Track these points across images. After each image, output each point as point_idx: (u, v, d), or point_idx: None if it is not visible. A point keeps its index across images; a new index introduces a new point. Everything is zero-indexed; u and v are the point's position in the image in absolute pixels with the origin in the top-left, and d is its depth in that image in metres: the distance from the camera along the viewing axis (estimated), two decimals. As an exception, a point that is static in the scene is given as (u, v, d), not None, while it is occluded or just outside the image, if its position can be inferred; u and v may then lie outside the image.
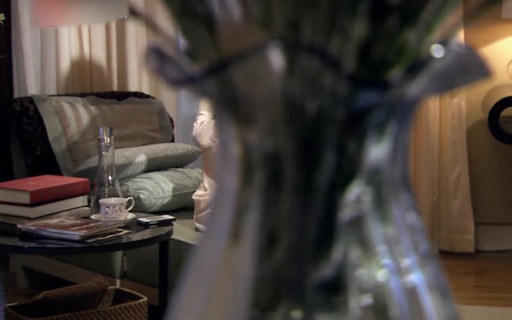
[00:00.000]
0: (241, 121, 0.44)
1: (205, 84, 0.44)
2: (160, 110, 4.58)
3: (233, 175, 0.45)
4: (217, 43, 0.43)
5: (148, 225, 3.18)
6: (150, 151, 4.06)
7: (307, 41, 0.41)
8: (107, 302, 3.44)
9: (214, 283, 0.45)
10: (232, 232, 0.45)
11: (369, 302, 0.43)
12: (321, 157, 0.43)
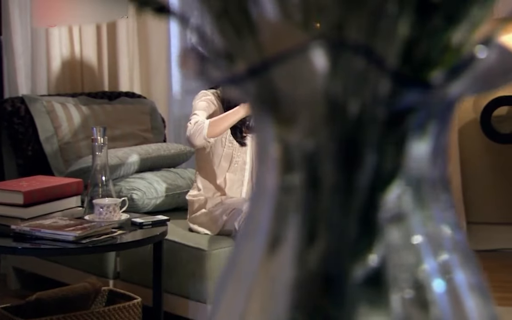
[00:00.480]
0: (281, 122, 0.44)
1: (245, 85, 0.43)
2: (152, 110, 4.57)
3: (273, 175, 0.45)
4: (257, 43, 0.43)
5: (142, 225, 3.17)
6: (142, 151, 4.05)
7: (352, 40, 0.41)
8: (100, 303, 3.43)
9: (254, 285, 0.45)
10: (271, 232, 0.44)
11: (410, 300, 0.43)
12: (362, 157, 0.43)
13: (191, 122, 3.33)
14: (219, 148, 3.47)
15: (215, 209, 3.45)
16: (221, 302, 0.46)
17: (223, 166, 3.49)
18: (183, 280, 3.36)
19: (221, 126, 3.31)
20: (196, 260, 3.31)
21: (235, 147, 3.48)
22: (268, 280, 0.44)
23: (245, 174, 3.52)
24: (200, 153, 3.57)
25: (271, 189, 0.45)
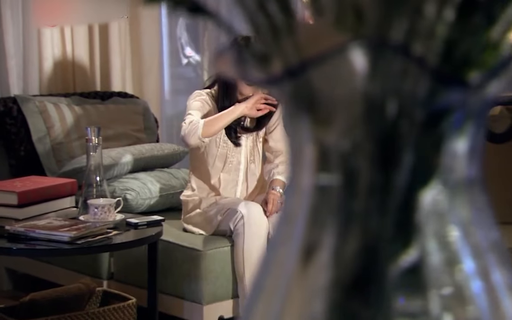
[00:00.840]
0: (318, 122, 0.44)
1: (282, 85, 0.43)
2: (145, 110, 4.56)
3: (308, 176, 0.44)
4: (295, 43, 0.43)
5: (137, 226, 3.16)
6: (136, 152, 4.04)
7: (393, 39, 0.41)
8: (94, 304, 3.42)
9: (290, 286, 0.44)
10: (307, 233, 0.44)
11: (448, 300, 0.43)
12: (399, 157, 0.43)
13: (185, 122, 3.33)
14: (213, 148, 3.47)
15: (210, 209, 3.44)
16: (257, 304, 0.46)
17: (217, 166, 3.49)
18: (178, 280, 3.35)
19: (216, 126, 3.30)
20: (191, 260, 3.30)
21: (230, 147, 3.48)
22: (304, 281, 0.44)
23: (239, 174, 3.52)
24: (194, 153, 3.56)
25: (307, 189, 0.45)
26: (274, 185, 3.44)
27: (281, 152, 3.54)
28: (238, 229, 3.27)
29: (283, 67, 0.43)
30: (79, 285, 3.37)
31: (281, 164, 3.51)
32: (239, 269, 3.25)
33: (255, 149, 3.52)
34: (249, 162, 3.51)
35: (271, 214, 3.33)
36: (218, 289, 3.29)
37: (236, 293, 3.30)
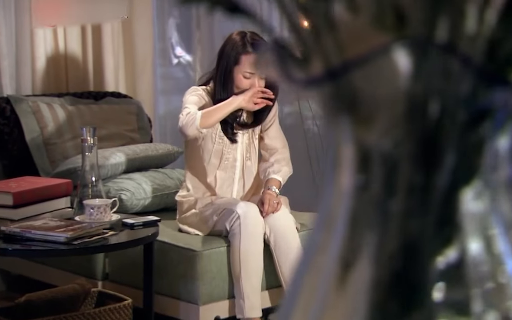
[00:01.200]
0: (359, 122, 0.43)
1: (322, 86, 0.43)
2: (138, 110, 4.55)
3: (348, 176, 0.44)
4: (337, 43, 0.42)
5: (133, 226, 3.15)
6: (130, 152, 4.03)
7: (438, 39, 0.41)
8: (89, 305, 3.41)
9: (331, 290, 0.44)
10: (348, 232, 0.44)
11: (491, 297, 0.43)
12: (441, 157, 0.43)
13: (183, 114, 3.31)
14: (209, 144, 3.46)
15: (206, 209, 3.44)
16: (297, 302, 0.45)
17: (213, 163, 3.48)
18: (174, 281, 3.35)
19: (214, 117, 3.29)
20: (187, 260, 3.29)
21: (226, 143, 3.47)
22: (345, 283, 0.44)
23: (235, 172, 3.51)
24: (189, 151, 3.55)
25: (347, 190, 0.44)
26: (270, 185, 3.44)
27: (276, 150, 3.53)
28: (234, 229, 3.26)
29: (324, 67, 0.43)
30: (74, 285, 3.36)
31: (277, 163, 3.51)
32: (235, 270, 3.25)
33: (251, 146, 3.51)
34: (245, 159, 3.50)
35: (267, 214, 3.32)
36: (214, 289, 3.28)
37: (232, 294, 3.29)
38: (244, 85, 3.34)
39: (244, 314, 3.22)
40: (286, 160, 3.54)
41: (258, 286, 3.26)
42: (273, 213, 3.33)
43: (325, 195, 0.46)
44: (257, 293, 3.25)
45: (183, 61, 5.20)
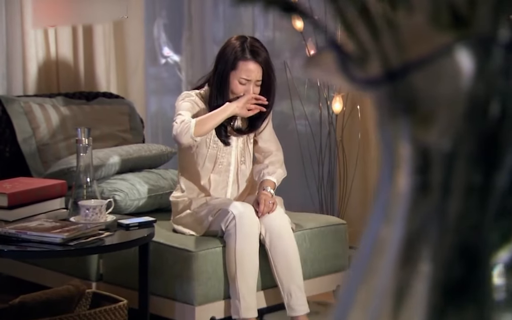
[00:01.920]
0: (418, 122, 0.43)
1: (381, 86, 0.43)
2: (131, 111, 4.53)
3: (406, 176, 0.44)
4: (398, 43, 0.42)
5: (129, 227, 3.14)
6: (123, 152, 4.01)
7: (502, 38, 0.40)
8: (84, 306, 3.40)
9: (390, 291, 0.44)
10: (407, 229, 0.44)
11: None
12: (500, 157, 0.42)
13: (176, 122, 3.30)
14: (203, 148, 3.45)
15: (201, 210, 3.43)
16: (354, 301, 0.45)
17: (207, 167, 3.47)
18: (169, 281, 3.34)
19: (207, 125, 3.29)
20: (182, 261, 3.29)
21: (220, 147, 3.47)
22: (406, 282, 0.43)
23: (229, 175, 3.50)
24: (183, 154, 3.54)
25: (405, 190, 0.44)
26: (265, 186, 3.44)
27: (270, 153, 3.53)
28: (230, 229, 3.26)
29: (383, 68, 0.42)
30: (68, 287, 3.34)
31: (271, 165, 3.51)
32: (231, 270, 3.24)
33: (246, 150, 3.51)
34: (240, 164, 3.50)
35: (263, 214, 3.32)
36: (210, 290, 3.28)
37: (228, 294, 3.29)
38: (239, 91, 3.34)
39: (240, 315, 3.22)
40: (280, 162, 3.54)
41: (253, 287, 3.26)
42: (268, 214, 3.33)
43: (382, 195, 0.45)
44: (252, 294, 3.25)
45: (170, 61, 5.20)
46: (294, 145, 4.49)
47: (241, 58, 3.33)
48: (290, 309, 3.31)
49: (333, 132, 4.49)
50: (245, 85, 3.33)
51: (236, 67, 3.33)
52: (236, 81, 3.34)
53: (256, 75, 3.34)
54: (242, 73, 3.33)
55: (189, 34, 5.20)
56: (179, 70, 5.23)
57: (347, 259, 3.72)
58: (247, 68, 3.32)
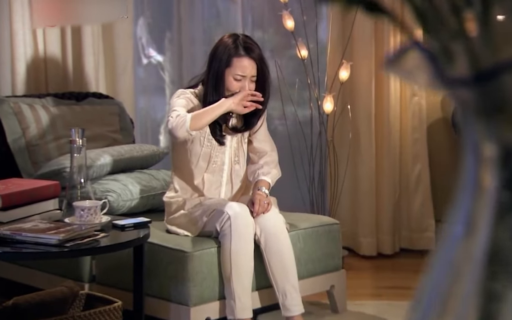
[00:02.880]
0: (506, 122, 0.43)
1: (471, 87, 0.42)
2: (121, 111, 4.51)
3: (492, 176, 0.44)
4: (490, 43, 0.42)
5: (124, 227, 3.13)
6: (115, 153, 4.00)
7: None
8: (78, 307, 3.38)
9: (476, 290, 0.43)
10: (492, 229, 0.43)
11: None
12: None
13: (172, 116, 3.29)
14: (197, 146, 3.44)
15: (195, 210, 3.42)
16: (436, 297, 0.45)
17: (201, 166, 3.46)
18: (164, 282, 3.33)
19: (203, 120, 3.28)
20: (177, 262, 3.28)
21: (214, 146, 3.46)
22: (491, 284, 0.43)
23: (223, 175, 3.50)
24: (177, 153, 3.53)
25: (489, 188, 0.44)
26: (260, 186, 3.44)
27: (265, 153, 3.53)
28: (225, 230, 3.25)
29: (473, 68, 0.42)
30: (62, 288, 3.32)
31: (266, 165, 3.50)
32: (226, 270, 3.24)
33: (240, 150, 3.51)
34: (234, 163, 3.50)
35: (257, 215, 3.32)
36: (205, 290, 3.27)
37: (223, 295, 3.28)
38: (234, 87, 3.34)
39: (235, 315, 3.21)
40: (274, 163, 3.54)
41: (249, 287, 3.25)
42: (263, 214, 3.32)
43: (465, 194, 0.45)
44: (248, 294, 3.24)
45: (153, 61, 5.19)
46: (285, 145, 4.49)
47: (235, 55, 3.33)
48: (285, 309, 3.31)
49: (324, 132, 4.50)
50: (240, 82, 3.33)
51: (231, 64, 3.33)
52: (231, 78, 3.34)
53: (251, 71, 3.34)
54: (236, 70, 3.33)
55: (172, 34, 5.19)
56: (162, 70, 5.22)
57: (340, 259, 3.72)
58: (241, 64, 3.33)
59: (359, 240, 4.65)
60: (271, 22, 5.01)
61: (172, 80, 5.21)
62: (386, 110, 4.59)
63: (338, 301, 3.67)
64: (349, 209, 4.68)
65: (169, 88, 5.22)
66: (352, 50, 4.58)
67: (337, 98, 4.47)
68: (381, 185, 4.62)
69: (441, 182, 4.76)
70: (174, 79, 5.21)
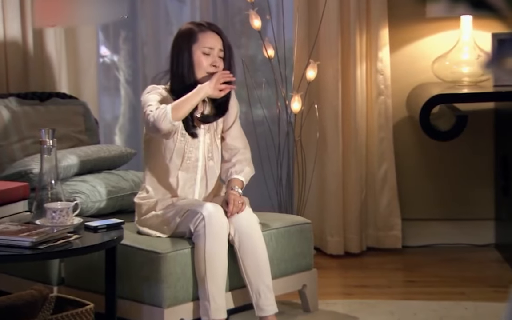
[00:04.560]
0: None
1: None
2: (85, 111, 4.45)
3: None
4: None
5: (97, 229, 3.09)
6: (82, 153, 3.94)
7: None
8: (47, 310, 3.32)
9: None
10: None
11: None
12: None
13: (151, 110, 3.25)
14: (171, 142, 3.40)
15: (168, 211, 3.38)
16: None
17: (175, 162, 3.42)
18: (137, 284, 3.28)
19: (183, 109, 3.25)
20: (150, 263, 3.24)
21: (187, 141, 3.42)
22: None
23: (197, 172, 3.46)
24: (150, 150, 3.48)
25: None
26: (233, 185, 3.42)
27: (238, 150, 3.51)
28: (199, 230, 3.22)
29: None
30: (32, 291, 3.27)
31: (239, 163, 3.49)
32: (200, 271, 3.21)
33: (213, 145, 3.47)
34: (208, 159, 3.46)
35: (232, 215, 3.30)
36: (178, 291, 3.24)
37: (197, 296, 3.25)
38: (204, 62, 3.34)
39: (209, 316, 3.19)
40: (247, 160, 3.52)
41: (223, 287, 3.23)
42: (238, 214, 3.30)
43: None
44: (222, 294, 3.22)
45: (107, 60, 5.14)
46: (252, 145, 4.46)
47: (199, 31, 3.37)
48: (258, 309, 3.29)
49: (291, 132, 4.49)
50: (209, 56, 3.34)
51: (197, 40, 3.37)
52: (199, 53, 3.35)
53: (218, 43, 3.37)
54: (204, 43, 3.36)
55: (126, 33, 5.15)
56: (116, 70, 5.17)
57: (312, 259, 3.72)
58: (208, 37, 3.37)
59: (326, 239, 4.65)
60: (219, 22, 5.00)
61: (127, 80, 5.17)
62: (352, 110, 4.61)
63: (310, 301, 3.67)
64: (316, 208, 4.69)
65: (124, 87, 5.17)
66: (318, 49, 4.59)
67: (305, 97, 4.47)
68: (348, 184, 4.64)
69: (406, 181, 4.79)
70: (129, 79, 5.16)
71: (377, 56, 4.61)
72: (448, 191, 4.80)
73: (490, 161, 4.73)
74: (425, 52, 4.71)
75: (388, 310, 3.69)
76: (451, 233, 4.78)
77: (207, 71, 3.35)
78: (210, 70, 3.34)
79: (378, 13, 4.60)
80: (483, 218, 4.74)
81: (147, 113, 3.25)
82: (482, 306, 3.72)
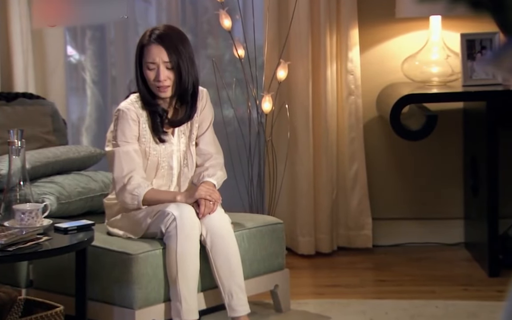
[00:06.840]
0: None
1: None
2: (53, 112, 4.39)
3: None
4: None
5: (67, 231, 3.05)
6: (51, 154, 3.89)
7: None
8: (16, 313, 3.27)
9: None
10: None
11: None
12: None
13: (124, 177, 3.29)
14: (144, 160, 3.37)
15: (138, 212, 3.35)
16: None
17: (149, 174, 3.39)
18: (108, 286, 3.25)
19: (154, 200, 3.30)
20: (121, 264, 3.20)
21: (160, 153, 3.38)
22: None
23: (172, 179, 3.43)
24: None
25: None
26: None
27: (210, 155, 3.48)
28: (170, 231, 3.20)
29: None
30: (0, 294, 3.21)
31: (211, 167, 3.46)
32: (172, 272, 3.18)
33: (188, 152, 3.45)
34: (183, 166, 3.44)
35: (203, 216, 3.27)
36: (150, 293, 3.21)
37: (168, 297, 3.23)
38: (150, 77, 3.31)
39: (181, 317, 3.17)
40: (220, 165, 3.50)
41: (195, 288, 3.21)
42: (209, 214, 3.28)
43: None
44: (194, 295, 3.20)
45: (73, 60, 5.09)
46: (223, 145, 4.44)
47: (145, 44, 3.33)
48: (231, 309, 3.28)
49: (262, 132, 4.48)
50: (153, 70, 3.30)
51: (143, 54, 3.34)
52: (145, 68, 3.33)
53: (160, 55, 3.30)
54: (147, 58, 3.33)
55: (92, 33, 5.11)
56: (82, 70, 5.13)
57: (284, 259, 3.71)
58: (149, 51, 3.31)
59: (297, 239, 4.64)
60: (187, 22, 4.97)
61: (93, 80, 5.13)
62: (323, 110, 4.60)
63: (282, 301, 3.66)
64: (287, 208, 4.68)
65: (90, 88, 5.13)
66: (289, 49, 4.58)
67: (275, 97, 4.46)
68: (318, 184, 4.63)
69: (377, 180, 4.80)
70: (95, 79, 5.12)
71: (347, 56, 4.61)
72: (418, 191, 4.82)
73: (460, 160, 4.75)
74: (395, 52, 4.72)
75: (360, 310, 3.69)
76: (421, 232, 4.80)
77: (154, 86, 3.32)
78: (155, 85, 3.31)
79: (348, 13, 4.60)
80: (452, 217, 4.76)
81: (111, 152, 3.32)
82: (453, 305, 3.74)
